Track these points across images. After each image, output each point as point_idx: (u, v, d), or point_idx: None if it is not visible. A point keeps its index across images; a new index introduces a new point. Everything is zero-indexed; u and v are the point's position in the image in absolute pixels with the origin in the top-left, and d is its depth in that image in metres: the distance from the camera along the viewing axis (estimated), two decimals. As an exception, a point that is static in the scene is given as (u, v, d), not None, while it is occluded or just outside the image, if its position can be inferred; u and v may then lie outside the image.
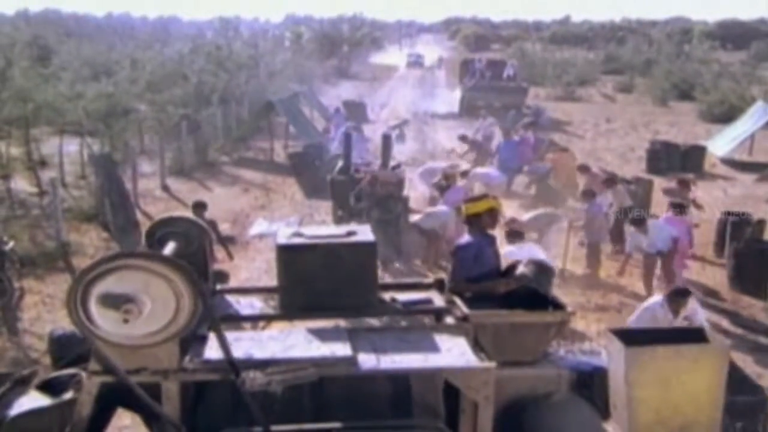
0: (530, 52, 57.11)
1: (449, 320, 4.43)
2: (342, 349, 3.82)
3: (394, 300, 4.59)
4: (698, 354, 4.53)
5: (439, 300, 4.66)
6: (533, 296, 4.87)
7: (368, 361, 3.80)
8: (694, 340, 4.70)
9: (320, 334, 4.05)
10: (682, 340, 4.69)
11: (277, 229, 10.46)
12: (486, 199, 6.08)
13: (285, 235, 4.48)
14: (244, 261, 12.32)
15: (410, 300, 4.62)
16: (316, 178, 16.84)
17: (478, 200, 6.08)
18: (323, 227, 7.13)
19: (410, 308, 4.58)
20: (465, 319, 4.39)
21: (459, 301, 4.59)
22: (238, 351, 3.69)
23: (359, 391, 4.00)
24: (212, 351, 3.75)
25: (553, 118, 31.05)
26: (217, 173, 19.94)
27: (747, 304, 10.79)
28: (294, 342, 3.92)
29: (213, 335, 3.80)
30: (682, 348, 4.53)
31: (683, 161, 20.38)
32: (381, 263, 9.97)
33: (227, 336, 3.72)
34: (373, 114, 30.79)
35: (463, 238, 5.91)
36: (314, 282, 4.28)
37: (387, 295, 4.63)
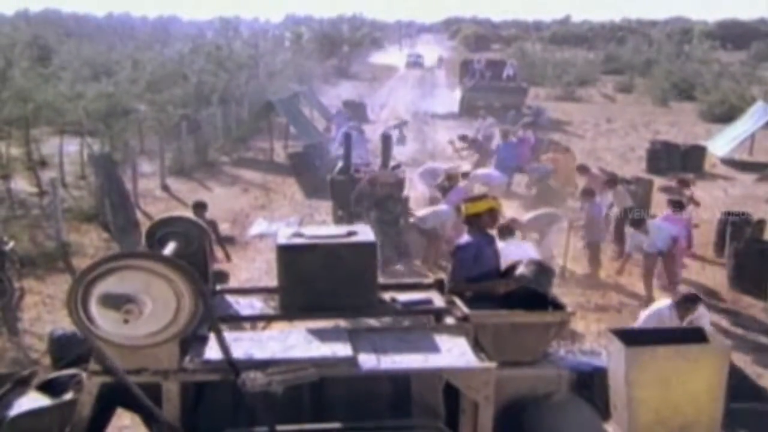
0: (530, 52, 57.01)
1: (449, 320, 4.43)
2: (342, 350, 3.82)
3: (394, 300, 4.59)
4: (698, 354, 4.54)
5: (439, 300, 4.66)
6: (533, 296, 4.87)
7: (369, 361, 3.80)
8: (695, 340, 4.71)
9: (320, 334, 4.05)
10: (683, 340, 4.70)
11: (276, 229, 10.47)
12: (486, 199, 6.08)
13: (285, 235, 4.48)
14: (244, 261, 12.31)
15: (410, 300, 4.62)
16: (316, 178, 16.83)
17: (478, 200, 6.08)
18: (323, 227, 7.13)
19: (410, 308, 4.58)
20: (465, 319, 4.40)
21: (459, 302, 4.60)
22: (239, 351, 3.70)
23: (359, 391, 4.00)
24: (212, 351, 3.76)
25: (553, 118, 31.03)
26: (217, 173, 19.93)
27: (747, 304, 10.78)
28: (294, 342, 3.92)
29: (213, 335, 3.80)
30: (682, 348, 4.54)
31: (683, 161, 20.36)
32: (381, 264, 9.94)
33: (227, 336, 3.72)
34: (373, 114, 30.79)
35: (463, 238, 5.90)
36: (314, 282, 4.28)
37: (387, 296, 4.63)
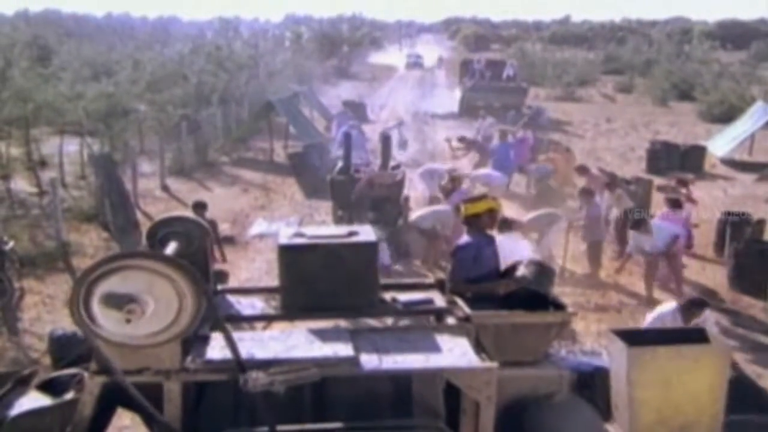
0: (530, 52, 56.99)
1: (451, 321, 4.43)
2: (344, 350, 3.82)
3: (395, 300, 4.59)
4: (699, 354, 4.54)
5: (440, 300, 4.66)
6: (534, 297, 4.87)
7: (370, 361, 3.79)
8: (696, 340, 4.72)
9: (322, 334, 4.04)
10: (684, 340, 4.71)
11: (276, 229, 10.51)
12: (485, 200, 6.08)
13: (286, 235, 4.48)
14: (244, 261, 12.32)
15: (411, 300, 4.61)
16: (316, 179, 16.83)
17: (478, 201, 6.08)
18: (324, 227, 7.13)
19: (411, 309, 4.58)
20: (466, 319, 4.39)
21: (460, 302, 4.60)
22: (240, 351, 3.69)
23: (360, 391, 4.00)
24: (214, 351, 3.76)
25: (553, 118, 31.03)
26: (216, 173, 19.93)
27: (747, 304, 10.79)
28: (296, 342, 3.91)
29: (216, 335, 3.80)
30: (683, 348, 4.55)
31: (683, 161, 20.37)
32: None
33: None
34: (373, 114, 30.80)
35: (463, 238, 5.91)
36: (316, 282, 4.28)
37: (388, 296, 4.62)
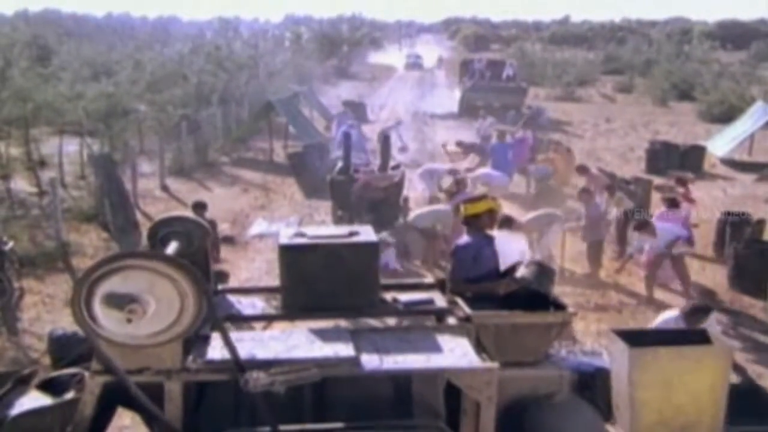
0: (530, 53, 56.96)
1: (451, 321, 4.42)
2: (345, 350, 3.82)
3: (396, 300, 4.59)
4: (701, 355, 4.54)
5: (440, 300, 4.66)
6: (534, 297, 4.87)
7: (371, 361, 3.79)
8: (697, 341, 4.71)
9: (323, 334, 4.04)
10: (685, 341, 4.70)
11: (276, 229, 10.51)
12: (485, 200, 6.07)
13: (287, 235, 4.48)
14: (244, 261, 12.32)
15: (412, 300, 4.61)
16: (316, 179, 16.82)
17: (478, 201, 6.06)
18: (325, 227, 7.13)
19: (412, 309, 4.58)
20: (467, 319, 4.39)
21: (461, 302, 4.59)
22: (241, 351, 3.68)
23: (360, 391, 4.00)
24: (215, 351, 3.75)
25: (553, 118, 31.02)
26: (216, 173, 19.92)
27: (747, 304, 10.78)
28: (296, 342, 3.91)
29: (216, 335, 3.80)
30: (684, 349, 4.54)
31: (683, 161, 20.35)
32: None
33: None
34: (372, 114, 30.79)
35: (462, 238, 5.90)
36: (316, 282, 4.28)
37: (389, 296, 4.62)
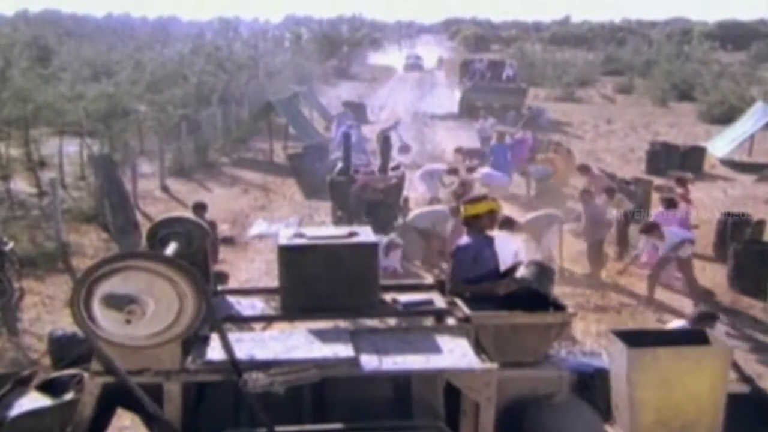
0: (530, 53, 56.98)
1: (451, 321, 4.43)
2: (344, 350, 3.82)
3: (396, 301, 4.59)
4: (700, 355, 4.54)
5: (440, 301, 4.66)
6: (534, 297, 4.87)
7: (370, 362, 3.79)
8: (696, 341, 4.71)
9: (322, 335, 4.04)
10: (684, 341, 4.70)
11: (276, 229, 10.50)
12: (485, 201, 6.07)
13: (287, 235, 4.48)
14: (244, 262, 12.32)
15: (411, 301, 4.62)
16: (316, 179, 16.81)
17: (478, 202, 6.06)
18: (324, 228, 7.12)
19: (411, 309, 4.58)
20: (466, 320, 4.39)
21: (460, 303, 4.60)
22: (240, 352, 3.69)
23: (360, 391, 4.00)
24: (214, 352, 3.75)
25: (553, 118, 31.02)
26: (216, 174, 19.92)
27: (747, 304, 10.77)
28: (296, 343, 3.91)
29: (215, 336, 3.80)
30: (683, 349, 4.55)
31: (683, 162, 20.33)
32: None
33: (229, 337, 3.71)
34: (372, 115, 30.79)
35: (463, 239, 5.90)
36: (316, 283, 4.28)
37: (388, 296, 4.63)
